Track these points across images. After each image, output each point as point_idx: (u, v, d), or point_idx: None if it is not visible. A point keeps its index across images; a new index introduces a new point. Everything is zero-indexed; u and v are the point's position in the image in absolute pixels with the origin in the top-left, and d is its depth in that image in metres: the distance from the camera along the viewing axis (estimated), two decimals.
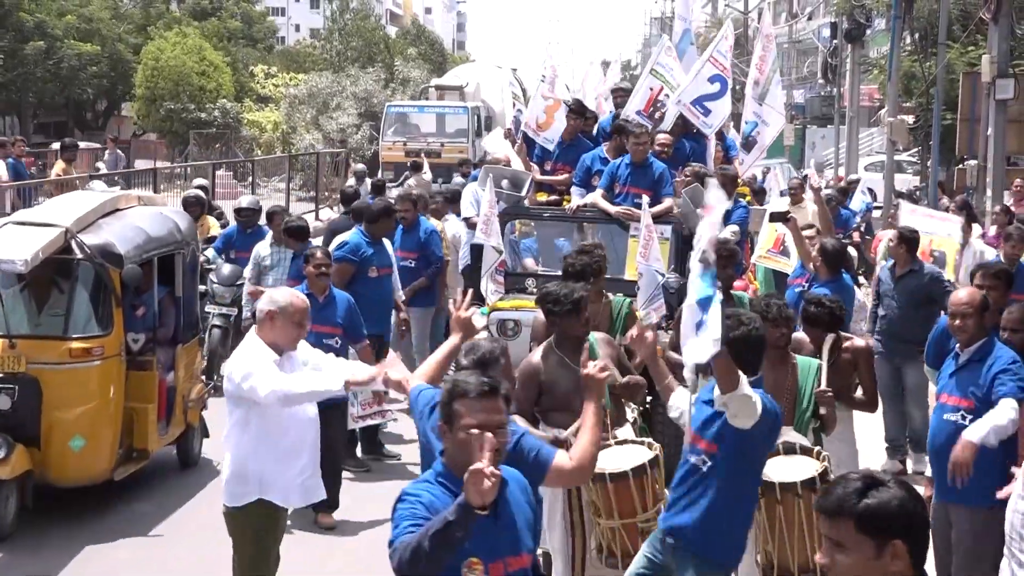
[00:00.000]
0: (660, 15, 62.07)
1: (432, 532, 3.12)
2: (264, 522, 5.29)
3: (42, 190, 15.51)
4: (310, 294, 7.04)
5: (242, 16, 48.25)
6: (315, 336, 6.51)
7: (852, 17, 24.15)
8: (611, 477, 5.16)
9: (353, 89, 31.81)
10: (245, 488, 5.25)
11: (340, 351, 6.94)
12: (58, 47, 39.05)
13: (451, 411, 3.37)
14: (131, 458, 7.57)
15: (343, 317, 7.45)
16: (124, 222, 7.80)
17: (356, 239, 8.92)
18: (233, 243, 11.01)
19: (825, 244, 8.07)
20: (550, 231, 9.30)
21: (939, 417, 5.54)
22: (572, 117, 9.78)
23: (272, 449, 5.23)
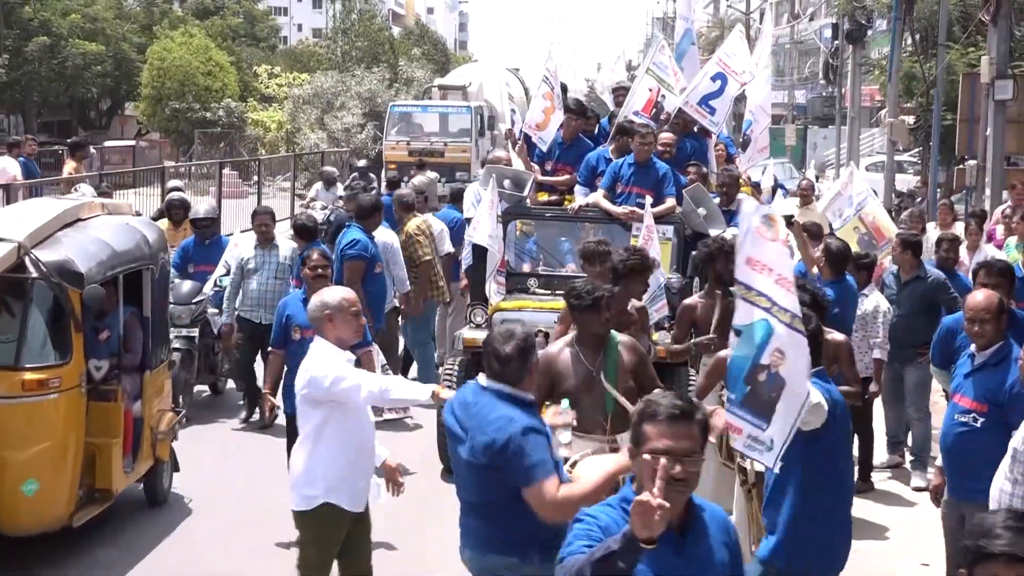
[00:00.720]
0: (662, 15, 62.16)
1: (595, 559, 2.96)
2: (329, 526, 5.33)
3: (56, 188, 15.65)
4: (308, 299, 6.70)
5: (244, 15, 48.40)
6: None
7: (853, 18, 24.23)
8: None
9: (358, 89, 31.94)
10: (313, 491, 5.28)
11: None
12: (62, 46, 39.20)
13: (639, 432, 3.14)
14: (93, 500, 6.71)
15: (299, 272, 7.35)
16: (86, 235, 6.93)
17: (363, 237, 9.14)
18: (191, 256, 10.16)
19: (830, 245, 8.11)
20: (551, 231, 9.27)
21: (951, 417, 5.51)
22: (572, 117, 9.82)
23: (343, 454, 5.28)
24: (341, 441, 5.27)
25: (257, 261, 9.50)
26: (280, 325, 7.04)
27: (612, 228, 8.80)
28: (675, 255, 8.72)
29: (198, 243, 10.28)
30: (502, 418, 4.25)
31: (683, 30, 12.10)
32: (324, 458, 5.25)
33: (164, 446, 7.56)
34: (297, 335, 6.87)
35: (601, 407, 5.55)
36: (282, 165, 27.63)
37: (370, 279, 8.94)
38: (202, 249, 10.22)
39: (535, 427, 4.28)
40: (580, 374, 5.57)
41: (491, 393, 4.35)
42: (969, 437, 5.33)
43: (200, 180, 22.18)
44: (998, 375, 5.33)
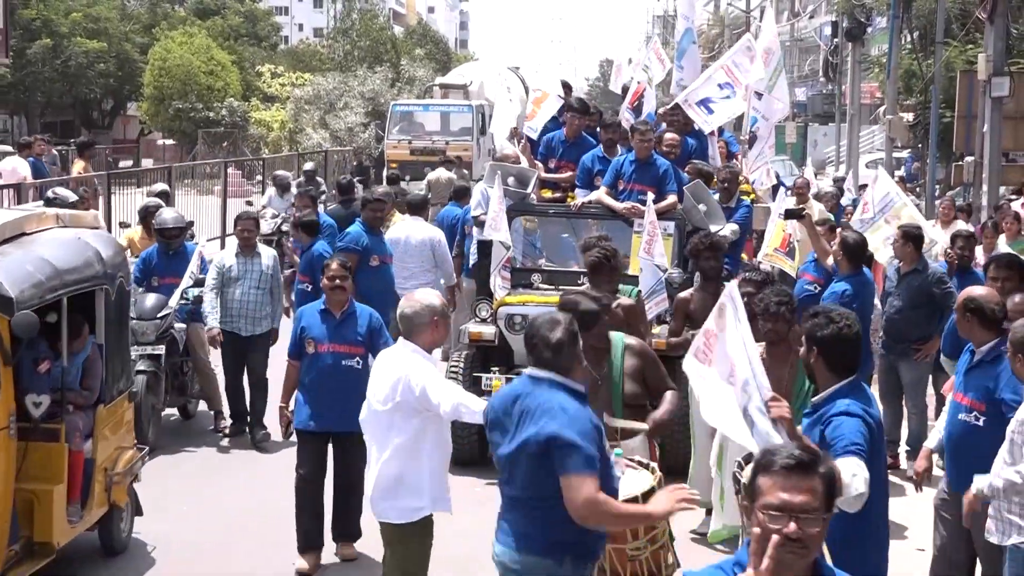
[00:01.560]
0: (663, 13, 62.26)
1: None
2: (431, 536, 5.23)
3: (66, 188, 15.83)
4: (326, 310, 6.67)
5: (246, 14, 48.55)
6: (334, 356, 6.51)
7: (852, 16, 24.40)
8: None
9: (360, 89, 32.07)
10: (419, 502, 5.11)
11: (362, 372, 6.21)
12: (65, 45, 39.30)
13: (754, 485, 2.78)
14: (31, 555, 5.89)
15: (364, 334, 6.60)
16: (25, 252, 6.08)
17: (356, 229, 9.47)
18: (154, 268, 9.30)
19: (847, 238, 8.15)
20: (555, 227, 9.43)
21: (954, 414, 5.47)
22: (576, 116, 9.95)
23: (440, 461, 5.18)
24: (443, 451, 5.17)
25: (239, 270, 9.05)
26: (296, 335, 6.75)
27: (614, 224, 8.94)
28: (676, 250, 8.82)
29: (162, 253, 9.34)
30: (556, 408, 4.13)
31: (684, 29, 12.23)
32: (427, 468, 5.07)
33: (121, 489, 6.67)
34: (311, 348, 6.64)
35: (610, 412, 5.40)
36: (285, 164, 27.83)
37: (364, 272, 9.04)
38: (166, 260, 9.31)
39: (588, 419, 4.18)
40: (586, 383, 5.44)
41: (545, 383, 4.22)
42: (971, 434, 5.32)
43: (204, 179, 22.36)
44: (993, 372, 5.29)
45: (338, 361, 6.58)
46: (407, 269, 10.10)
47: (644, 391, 5.53)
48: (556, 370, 4.23)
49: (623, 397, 5.48)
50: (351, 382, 6.34)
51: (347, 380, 6.46)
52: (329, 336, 6.62)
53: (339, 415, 6.36)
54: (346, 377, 6.50)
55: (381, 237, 9.60)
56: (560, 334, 4.23)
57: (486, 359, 8.51)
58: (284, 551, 6.73)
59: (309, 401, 6.63)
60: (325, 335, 6.62)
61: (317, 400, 6.60)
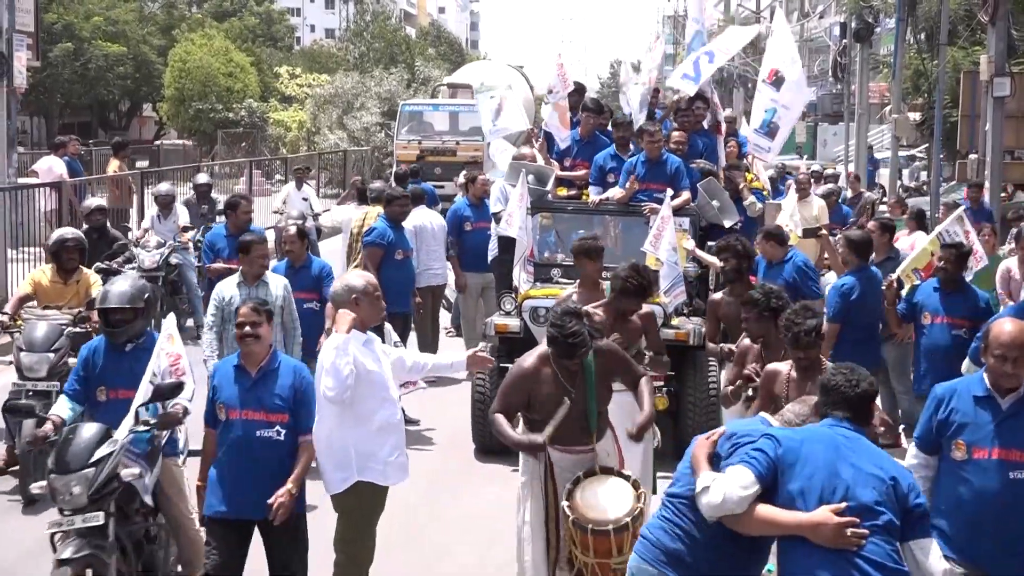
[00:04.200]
0: (673, 13, 62.47)
1: None
2: (369, 500, 5.39)
3: (101, 186, 16.39)
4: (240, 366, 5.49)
5: (261, 16, 49.09)
6: (246, 426, 5.35)
7: (861, 17, 24.71)
8: (592, 532, 5.12)
9: (377, 89, 32.39)
10: (346, 473, 5.31)
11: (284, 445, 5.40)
12: (85, 48, 39.88)
13: None
14: None
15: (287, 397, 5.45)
16: None
17: (381, 226, 9.86)
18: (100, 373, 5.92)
19: (850, 235, 8.50)
20: (571, 224, 9.56)
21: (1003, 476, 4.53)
22: (589, 115, 10.28)
23: (360, 430, 5.30)
24: (362, 420, 5.31)
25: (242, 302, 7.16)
26: (209, 397, 5.49)
27: (630, 221, 9.29)
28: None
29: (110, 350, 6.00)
30: None
31: (693, 31, 12.51)
32: (349, 439, 5.30)
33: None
34: (222, 414, 5.38)
35: (582, 420, 5.49)
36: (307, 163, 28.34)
37: (389, 265, 9.53)
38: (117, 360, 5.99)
39: None
40: (559, 394, 5.47)
41: None
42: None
43: (225, 179, 22.86)
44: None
45: (251, 431, 5.31)
46: (432, 252, 10.90)
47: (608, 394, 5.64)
48: None
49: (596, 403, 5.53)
50: (269, 458, 5.30)
51: (264, 456, 5.30)
52: (241, 400, 5.35)
53: (257, 499, 5.24)
54: (262, 452, 5.31)
55: (403, 232, 10.01)
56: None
57: (511, 350, 8.64)
58: None
59: (220, 480, 5.37)
60: (236, 398, 5.34)
61: (229, 480, 5.33)
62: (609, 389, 5.69)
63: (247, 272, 7.55)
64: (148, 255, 11.95)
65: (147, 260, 11.84)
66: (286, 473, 5.25)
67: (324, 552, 5.53)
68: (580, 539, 5.21)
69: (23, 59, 13.98)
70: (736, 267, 7.57)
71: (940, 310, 7.76)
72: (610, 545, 5.09)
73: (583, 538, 5.18)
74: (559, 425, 5.43)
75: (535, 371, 5.51)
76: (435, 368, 6.05)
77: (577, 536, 5.22)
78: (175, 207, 12.94)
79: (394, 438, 5.44)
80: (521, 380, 5.52)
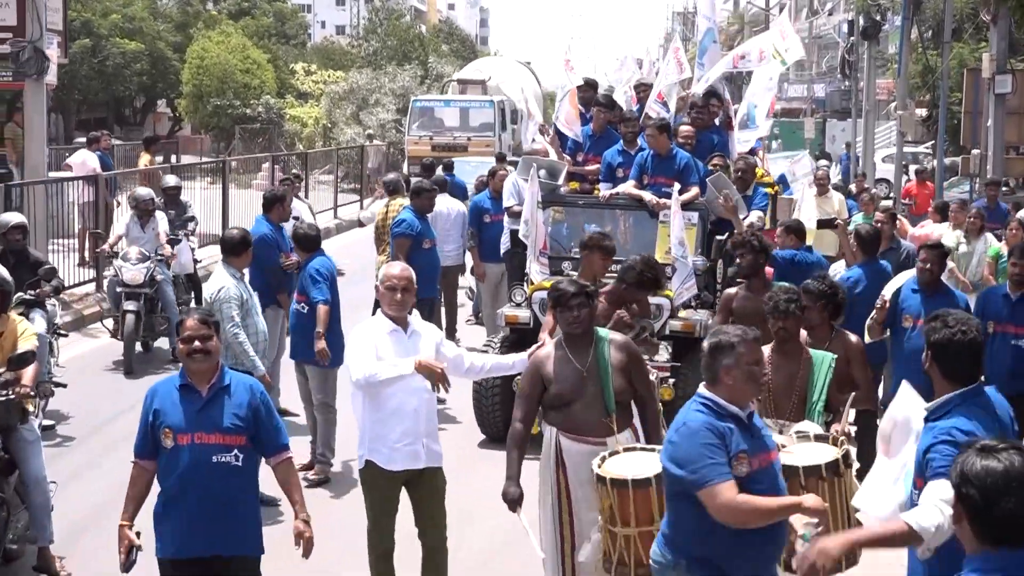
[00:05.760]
0: (683, 10, 62.63)
1: None
2: (373, 482, 5.63)
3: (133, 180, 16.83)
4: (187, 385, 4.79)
5: (275, 13, 49.50)
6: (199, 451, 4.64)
7: (868, 15, 25.00)
8: (634, 483, 4.93)
9: (391, 86, 32.72)
10: (360, 451, 5.67)
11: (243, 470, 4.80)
12: (103, 45, 40.29)
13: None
14: None
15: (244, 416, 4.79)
16: None
17: (409, 216, 10.35)
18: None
19: (860, 229, 8.70)
20: (582, 218, 9.70)
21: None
22: (601, 110, 10.33)
23: (375, 414, 5.54)
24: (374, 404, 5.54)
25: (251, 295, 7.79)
26: (145, 425, 4.78)
27: (640, 215, 9.35)
28: (700, 239, 9.26)
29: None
30: (679, 423, 4.25)
31: (705, 29, 12.76)
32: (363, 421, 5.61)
33: None
34: (169, 441, 4.70)
35: (598, 408, 5.40)
36: (326, 159, 28.74)
37: (417, 254, 9.98)
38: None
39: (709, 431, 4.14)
40: (570, 375, 5.42)
41: (696, 398, 4.30)
42: None
43: (244, 174, 23.31)
44: None
45: (206, 457, 4.66)
46: (447, 235, 11.65)
47: (628, 387, 5.51)
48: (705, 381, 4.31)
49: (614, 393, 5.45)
50: (227, 487, 4.68)
51: (223, 483, 4.68)
52: (191, 423, 4.69)
53: (218, 534, 4.67)
54: (221, 479, 4.68)
55: (429, 223, 10.54)
56: (704, 344, 4.34)
57: (521, 340, 8.78)
58: None
59: (172, 516, 4.71)
60: (186, 421, 4.69)
61: (183, 515, 4.69)
62: (629, 384, 5.50)
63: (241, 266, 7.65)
64: (131, 269, 10.83)
65: (130, 275, 10.81)
66: (245, 505, 4.71)
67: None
68: (619, 503, 4.92)
69: (54, 56, 14.45)
70: (753, 263, 7.55)
71: (922, 312, 7.41)
72: (651, 502, 4.87)
73: (622, 500, 4.91)
74: (573, 412, 5.37)
75: (547, 355, 5.51)
76: (495, 368, 6.04)
77: (615, 501, 4.93)
78: (155, 214, 11.52)
79: (406, 425, 5.54)
80: (534, 368, 5.52)
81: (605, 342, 5.48)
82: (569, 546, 5.44)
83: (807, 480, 4.80)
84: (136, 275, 10.91)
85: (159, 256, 11.22)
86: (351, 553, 6.39)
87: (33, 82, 14.17)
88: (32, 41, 13.92)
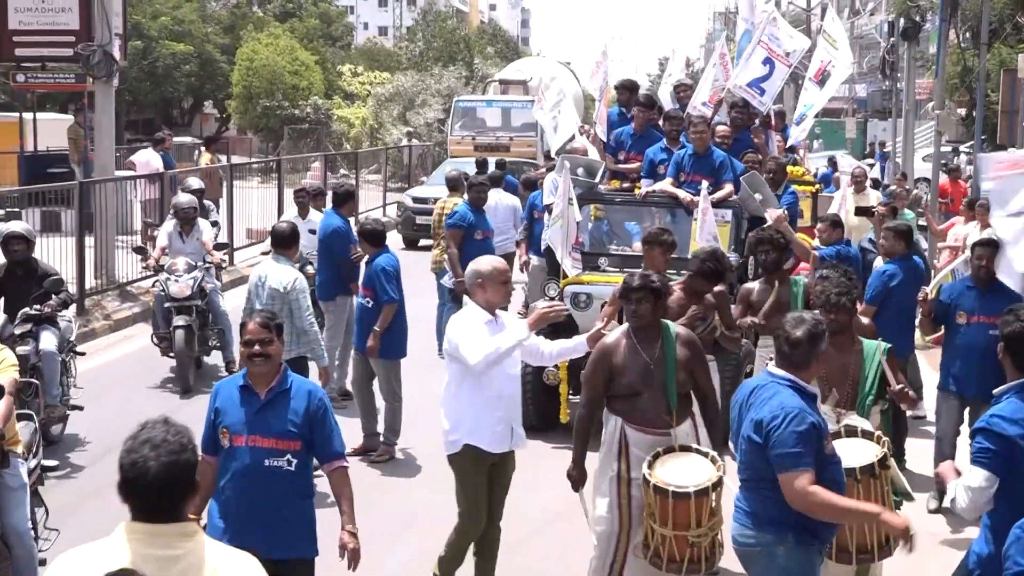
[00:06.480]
0: (724, 10, 62.56)
1: None
2: (472, 465, 5.77)
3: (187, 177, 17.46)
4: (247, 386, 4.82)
5: (320, 15, 50.20)
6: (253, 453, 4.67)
7: (908, 16, 25.10)
8: (673, 495, 5.07)
9: (437, 87, 33.25)
10: (457, 436, 5.76)
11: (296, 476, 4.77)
12: (153, 47, 41.13)
13: None
14: None
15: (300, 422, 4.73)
16: None
17: (462, 209, 11.15)
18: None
19: (896, 225, 8.95)
20: (621, 215, 9.97)
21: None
22: (642, 110, 10.55)
23: (477, 399, 5.69)
24: (476, 390, 5.66)
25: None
26: (209, 421, 4.86)
27: (676, 212, 9.53)
28: (733, 236, 9.48)
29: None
30: (778, 405, 4.36)
31: (743, 31, 12.77)
32: (464, 406, 5.72)
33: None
34: (226, 441, 4.76)
35: (663, 400, 5.51)
36: (374, 158, 29.39)
37: (470, 244, 10.69)
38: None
39: (807, 419, 4.32)
40: (638, 366, 5.52)
41: (776, 380, 4.46)
42: None
43: (293, 173, 23.91)
44: None
45: (259, 460, 4.66)
46: (497, 228, 12.18)
47: (689, 379, 5.63)
48: (791, 364, 4.45)
49: (676, 385, 5.57)
50: (279, 491, 4.68)
51: (273, 488, 4.68)
52: (248, 425, 4.72)
53: (267, 536, 4.63)
54: (271, 483, 4.68)
55: (484, 215, 11.24)
56: (800, 333, 4.44)
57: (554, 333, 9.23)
58: None
59: (223, 515, 4.73)
60: (243, 423, 4.72)
61: (234, 514, 4.71)
62: (691, 378, 5.62)
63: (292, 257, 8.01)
64: (179, 283, 10.20)
65: (176, 288, 10.19)
66: (297, 509, 4.68)
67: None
68: (660, 507, 5.11)
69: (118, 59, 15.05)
70: (776, 259, 7.76)
71: (977, 309, 7.57)
72: (689, 512, 5.02)
73: (663, 505, 5.09)
74: (640, 403, 5.46)
75: (615, 344, 5.57)
76: (561, 353, 6.17)
77: (656, 505, 5.12)
78: (198, 221, 10.86)
79: (505, 410, 5.75)
80: (600, 357, 5.58)
81: (672, 335, 5.57)
82: (625, 533, 5.53)
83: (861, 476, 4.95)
84: (183, 288, 10.24)
85: (207, 264, 10.67)
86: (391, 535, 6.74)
87: (103, 84, 14.74)
88: (102, 45, 14.47)
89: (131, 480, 2.93)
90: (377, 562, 6.55)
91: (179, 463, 2.94)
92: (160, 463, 2.91)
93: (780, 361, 4.49)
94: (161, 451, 2.93)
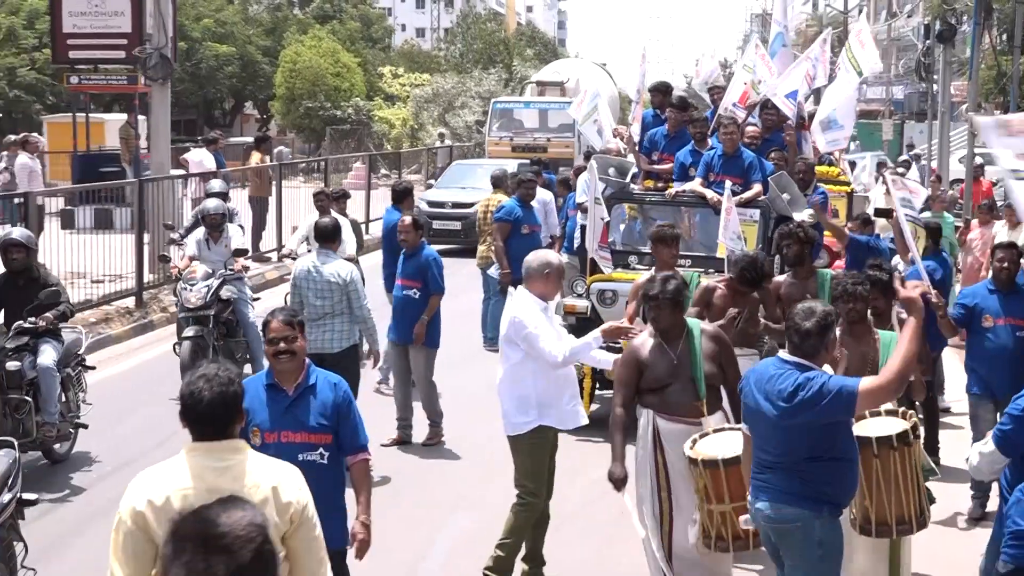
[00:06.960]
0: (760, 12, 62.47)
1: None
2: (542, 445, 6.07)
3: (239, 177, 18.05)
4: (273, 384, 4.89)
5: (360, 18, 50.76)
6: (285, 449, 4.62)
7: (943, 19, 25.17)
8: (724, 463, 5.26)
9: (477, 89, 33.71)
10: (526, 418, 6.00)
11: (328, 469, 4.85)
12: (196, 49, 41.85)
13: None
14: None
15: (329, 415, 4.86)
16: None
17: (510, 204, 11.75)
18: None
19: (928, 223, 9.29)
20: (653, 214, 10.03)
21: None
22: (674, 111, 10.65)
23: (544, 381, 5.96)
24: (546, 372, 5.92)
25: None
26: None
27: (705, 211, 9.69)
28: (761, 235, 9.58)
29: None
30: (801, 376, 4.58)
31: (775, 33, 13.00)
32: (532, 388, 5.94)
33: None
34: (256, 439, 4.74)
35: (692, 391, 5.73)
36: (415, 158, 29.97)
37: (517, 238, 11.22)
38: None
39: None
40: (663, 363, 5.76)
41: (791, 365, 4.64)
42: None
43: (333, 173, 24.42)
44: None
45: (292, 456, 4.52)
46: None
47: (719, 372, 5.84)
48: (802, 354, 4.64)
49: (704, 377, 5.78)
50: (315, 483, 4.34)
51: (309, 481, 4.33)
52: (277, 422, 4.79)
53: None
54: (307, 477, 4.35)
55: (532, 210, 11.76)
56: (810, 324, 4.61)
57: (579, 328, 8.91)
58: None
59: None
60: (273, 420, 4.79)
61: None
62: (720, 369, 5.82)
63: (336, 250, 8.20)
64: (193, 291, 9.69)
65: (192, 297, 9.68)
66: (331, 501, 4.65)
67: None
68: (713, 482, 5.28)
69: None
70: (799, 252, 7.94)
71: (1001, 311, 7.55)
72: (744, 478, 5.08)
73: (715, 479, 5.26)
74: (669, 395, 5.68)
75: (642, 343, 5.84)
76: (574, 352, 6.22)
77: (709, 481, 5.29)
78: (226, 227, 10.37)
79: (571, 388, 6.11)
80: (630, 356, 5.84)
81: (697, 331, 5.83)
82: (668, 519, 5.72)
83: (879, 449, 5.08)
84: (194, 296, 9.68)
85: (229, 271, 10.07)
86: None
87: (159, 86, 15.23)
88: (158, 48, 14.97)
89: (189, 407, 3.63)
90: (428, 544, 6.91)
91: (228, 393, 3.64)
92: (213, 392, 3.61)
93: (792, 350, 4.67)
94: (213, 383, 3.63)
